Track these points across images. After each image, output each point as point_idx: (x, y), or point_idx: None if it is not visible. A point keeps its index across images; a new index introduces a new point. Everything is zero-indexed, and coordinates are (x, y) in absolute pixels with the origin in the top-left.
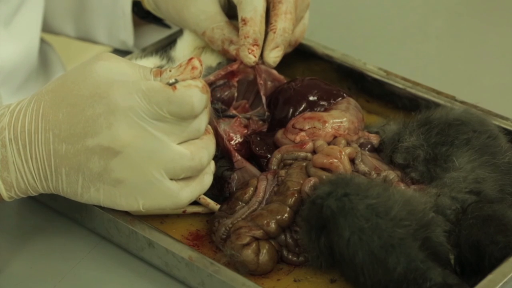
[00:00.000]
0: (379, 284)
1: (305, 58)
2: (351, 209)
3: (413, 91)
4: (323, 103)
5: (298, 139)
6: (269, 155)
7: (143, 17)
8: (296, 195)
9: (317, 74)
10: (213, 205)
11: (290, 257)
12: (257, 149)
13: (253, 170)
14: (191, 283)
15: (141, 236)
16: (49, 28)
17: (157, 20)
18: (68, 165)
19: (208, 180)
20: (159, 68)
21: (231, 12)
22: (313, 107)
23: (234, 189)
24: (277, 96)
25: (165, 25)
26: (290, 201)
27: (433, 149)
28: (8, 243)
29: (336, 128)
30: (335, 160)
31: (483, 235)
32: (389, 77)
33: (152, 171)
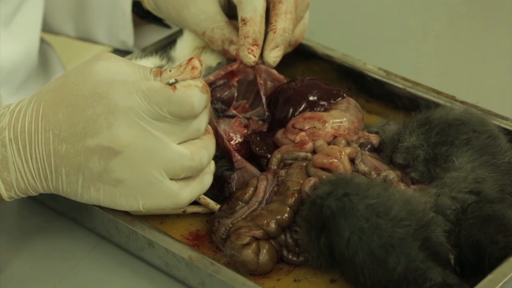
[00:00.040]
0: (379, 284)
1: (305, 58)
2: (351, 209)
3: (413, 91)
4: (323, 103)
5: (298, 139)
6: (269, 155)
7: (143, 17)
8: (296, 195)
9: (317, 74)
10: (213, 205)
11: (290, 257)
12: (257, 149)
13: (253, 170)
14: (191, 283)
15: (141, 236)
16: (49, 28)
17: (157, 20)
18: (68, 165)
19: (208, 180)
20: (159, 68)
21: (231, 12)
22: (313, 107)
23: (234, 189)
24: (277, 96)
25: (165, 25)
26: (290, 201)
27: (433, 149)
28: (8, 243)
29: (336, 128)
30: (335, 160)
31: (483, 235)
32: (389, 77)
33: (152, 171)
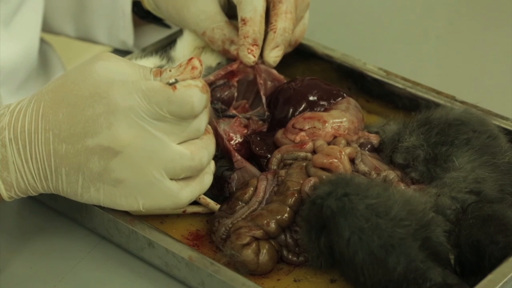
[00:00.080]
0: (379, 284)
1: (305, 58)
2: (351, 209)
3: (413, 91)
4: (323, 103)
5: (298, 139)
6: (269, 155)
7: (143, 17)
8: (296, 195)
9: (317, 74)
10: (213, 205)
11: (290, 257)
12: (257, 149)
13: (253, 170)
14: (191, 283)
15: (141, 236)
16: (49, 28)
17: (157, 20)
18: (68, 165)
19: (208, 180)
20: (159, 68)
21: (231, 12)
22: (313, 107)
23: (234, 189)
24: (277, 96)
25: (165, 25)
26: (290, 201)
27: (433, 149)
28: (8, 243)
29: (336, 128)
30: (335, 160)
31: (483, 235)
32: (389, 77)
33: (152, 171)
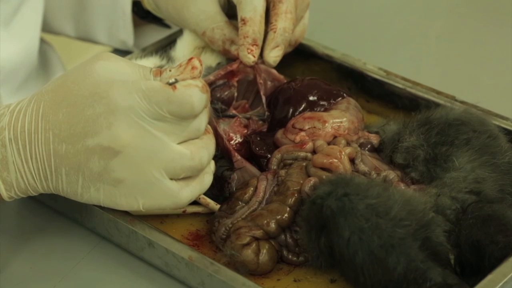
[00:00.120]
0: (379, 284)
1: (305, 58)
2: (351, 209)
3: (413, 91)
4: (323, 103)
5: (298, 139)
6: (269, 155)
7: (143, 17)
8: (296, 195)
9: (317, 74)
10: (213, 205)
11: (290, 257)
12: (257, 149)
13: (253, 170)
14: (191, 283)
15: (141, 236)
16: (49, 28)
17: (157, 20)
18: (68, 165)
19: (208, 180)
20: (159, 68)
21: (231, 12)
22: (313, 107)
23: (234, 189)
24: (277, 96)
25: (165, 25)
26: (290, 201)
27: (433, 149)
28: (8, 243)
29: (336, 128)
30: (335, 160)
31: (483, 235)
32: (389, 77)
33: (152, 170)
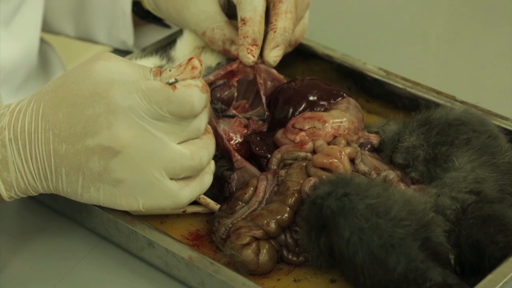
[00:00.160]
0: (379, 284)
1: (305, 58)
2: (351, 209)
3: (413, 91)
4: (323, 103)
5: (298, 139)
6: (269, 155)
7: (143, 17)
8: (296, 195)
9: (317, 74)
10: (213, 205)
11: (290, 257)
12: (257, 149)
13: (253, 170)
14: (191, 283)
15: (141, 236)
16: (49, 28)
17: (157, 20)
18: (68, 165)
19: (208, 179)
20: (159, 68)
21: (231, 12)
22: (313, 107)
23: (234, 189)
24: (277, 96)
25: (165, 25)
26: (290, 201)
27: (433, 149)
28: (8, 243)
29: (336, 128)
30: (335, 160)
31: (483, 235)
32: (389, 77)
33: (152, 170)
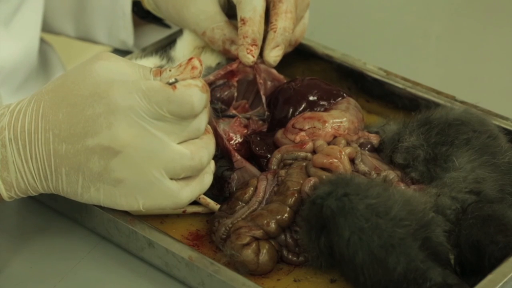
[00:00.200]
0: (379, 284)
1: (305, 58)
2: (351, 209)
3: (413, 91)
4: (323, 103)
5: (298, 139)
6: (269, 155)
7: (143, 17)
8: (296, 195)
9: (317, 74)
10: (213, 205)
11: (290, 257)
12: (257, 149)
13: (253, 170)
14: (191, 283)
15: (141, 236)
16: (49, 28)
17: (157, 20)
18: (68, 165)
19: (208, 179)
20: (159, 68)
21: (231, 12)
22: (313, 107)
23: (234, 189)
24: (277, 96)
25: (165, 25)
26: (290, 201)
27: (433, 149)
28: (8, 243)
29: (336, 128)
30: (335, 160)
31: (483, 235)
32: (389, 77)
33: (152, 170)
